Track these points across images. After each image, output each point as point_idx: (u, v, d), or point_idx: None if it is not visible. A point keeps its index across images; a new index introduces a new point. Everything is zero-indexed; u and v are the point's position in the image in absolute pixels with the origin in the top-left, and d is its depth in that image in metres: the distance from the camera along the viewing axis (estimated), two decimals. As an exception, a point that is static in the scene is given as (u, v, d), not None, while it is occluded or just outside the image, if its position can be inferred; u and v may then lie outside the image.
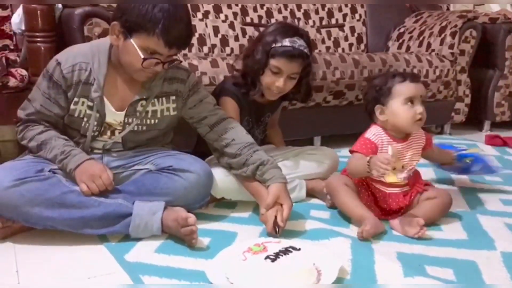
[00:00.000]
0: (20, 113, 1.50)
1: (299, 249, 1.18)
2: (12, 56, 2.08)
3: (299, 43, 1.60)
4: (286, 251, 1.16)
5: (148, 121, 1.51)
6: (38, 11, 1.86)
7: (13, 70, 1.95)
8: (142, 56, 1.33)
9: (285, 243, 1.23)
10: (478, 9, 3.07)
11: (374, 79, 1.60)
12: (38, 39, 1.86)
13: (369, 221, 1.40)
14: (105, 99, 1.44)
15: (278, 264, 1.10)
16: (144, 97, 1.47)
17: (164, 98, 1.51)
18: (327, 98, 2.36)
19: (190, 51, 2.52)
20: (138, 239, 1.39)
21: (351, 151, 1.54)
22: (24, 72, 1.96)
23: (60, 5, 1.96)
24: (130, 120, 1.48)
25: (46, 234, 1.39)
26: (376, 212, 1.52)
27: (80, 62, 1.41)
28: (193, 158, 1.53)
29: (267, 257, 1.12)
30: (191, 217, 1.33)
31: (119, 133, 1.50)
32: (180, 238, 1.36)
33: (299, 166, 1.76)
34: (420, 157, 1.61)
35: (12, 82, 1.92)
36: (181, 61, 1.51)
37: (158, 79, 1.48)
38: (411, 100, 1.50)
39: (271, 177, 1.45)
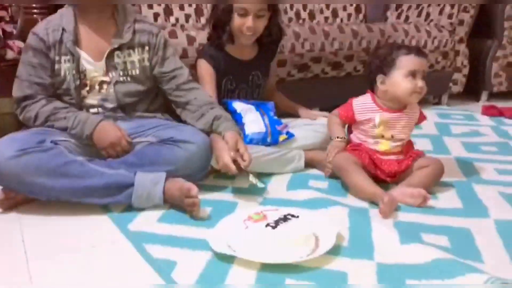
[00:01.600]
0: (15, 92, 1.54)
1: (298, 217, 1.21)
2: (8, 28, 2.06)
3: None
4: (285, 218, 1.19)
5: (130, 72, 1.59)
6: (34, -18, 1.84)
7: (10, 42, 1.94)
8: None
9: (283, 210, 1.26)
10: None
11: (380, 49, 1.64)
12: (35, 10, 1.85)
13: (383, 200, 1.38)
14: (78, 49, 1.53)
15: (278, 231, 1.14)
16: (116, 46, 1.55)
17: (139, 48, 1.60)
18: (325, 69, 2.37)
19: (187, 21, 2.51)
20: (141, 209, 1.42)
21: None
22: (21, 44, 1.94)
23: (55, -24, 1.94)
24: (113, 73, 1.56)
25: (49, 205, 1.42)
26: (377, 176, 1.57)
27: (52, 24, 1.52)
28: (193, 129, 1.55)
29: (268, 224, 1.16)
30: (194, 189, 1.35)
31: (107, 85, 1.56)
32: (181, 207, 1.39)
33: (297, 137, 1.78)
34: (411, 131, 1.64)
35: (10, 54, 1.92)
36: None
37: (127, 29, 1.57)
38: (413, 74, 1.53)
39: (224, 128, 1.53)
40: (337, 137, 1.66)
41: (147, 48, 1.60)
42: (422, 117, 1.68)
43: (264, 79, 1.90)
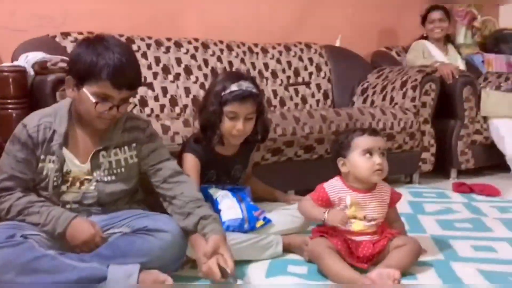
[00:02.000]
0: None
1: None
2: (-18, 123, 2.07)
3: (246, 84, 1.70)
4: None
5: (115, 171, 1.55)
6: (10, 79, 1.88)
7: (-17, 137, 1.94)
8: (94, 101, 1.40)
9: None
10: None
11: (338, 135, 1.69)
12: (10, 106, 1.87)
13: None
14: (65, 150, 1.49)
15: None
16: (102, 147, 1.52)
17: (126, 147, 1.57)
18: (298, 152, 2.42)
19: (162, 111, 2.57)
20: (114, 305, 1.36)
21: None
22: (-5, 139, 1.95)
23: (32, 72, 1.99)
24: (97, 172, 1.52)
25: (16, 305, 1.34)
26: (352, 260, 1.54)
27: (44, 121, 1.49)
28: (167, 218, 1.53)
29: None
30: (168, 281, 1.32)
31: (88, 182, 1.52)
32: (157, 301, 1.34)
33: (274, 223, 1.77)
34: (384, 211, 1.65)
35: (-17, 149, 1.91)
36: (136, 104, 1.61)
37: (117, 130, 1.54)
38: (369, 152, 1.59)
39: (211, 230, 1.46)
40: (324, 213, 1.58)
41: (134, 144, 1.57)
42: (396, 197, 1.70)
43: (244, 171, 1.92)
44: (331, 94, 3.25)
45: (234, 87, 1.69)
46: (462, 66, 3.40)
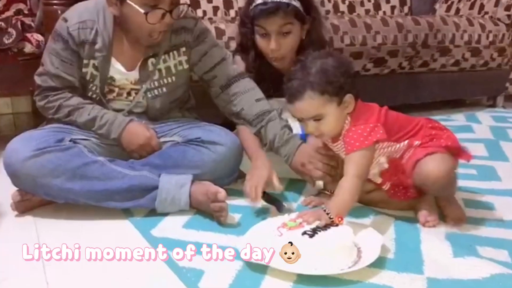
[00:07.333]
0: (37, 79, 1.53)
1: (337, 225, 1.19)
2: (26, 20, 2.12)
3: None
4: (324, 227, 1.16)
5: (165, 81, 1.55)
6: (54, -28, 1.88)
7: (28, 35, 1.99)
8: (143, 11, 1.36)
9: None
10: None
11: None
12: (55, 1, 1.88)
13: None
14: (112, 59, 1.49)
15: (316, 240, 1.12)
16: (151, 54, 1.50)
17: (174, 52, 1.54)
18: (367, 65, 2.34)
19: (215, 14, 2.52)
20: (165, 214, 1.42)
21: None
22: (40, 37, 1.99)
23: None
24: (146, 83, 1.53)
25: (67, 208, 1.44)
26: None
27: (87, 19, 1.45)
28: (222, 130, 1.54)
29: (304, 232, 1.13)
30: (221, 193, 1.35)
31: (136, 93, 1.53)
32: (209, 213, 1.39)
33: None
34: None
35: (28, 47, 1.96)
36: (189, 5, 1.55)
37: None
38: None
39: (288, 155, 1.50)
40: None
41: (183, 49, 1.55)
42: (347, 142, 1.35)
43: None
44: (409, 0, 3.06)
45: (259, 0, 1.56)
46: None
